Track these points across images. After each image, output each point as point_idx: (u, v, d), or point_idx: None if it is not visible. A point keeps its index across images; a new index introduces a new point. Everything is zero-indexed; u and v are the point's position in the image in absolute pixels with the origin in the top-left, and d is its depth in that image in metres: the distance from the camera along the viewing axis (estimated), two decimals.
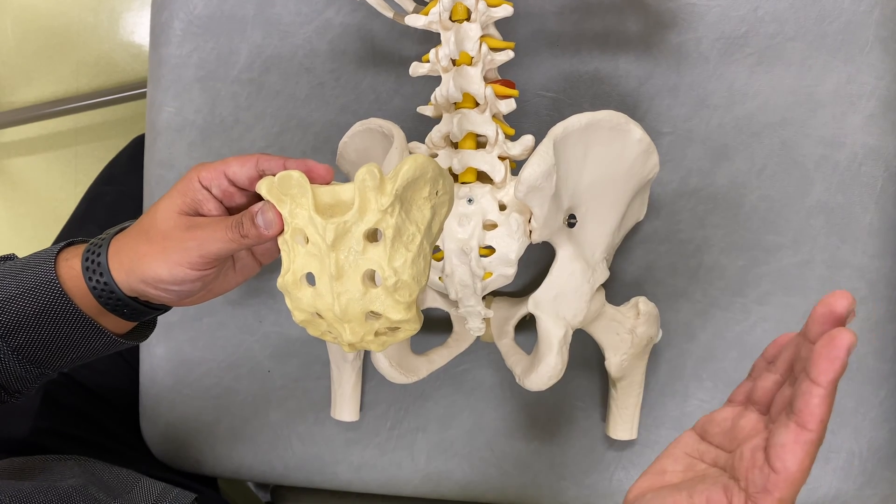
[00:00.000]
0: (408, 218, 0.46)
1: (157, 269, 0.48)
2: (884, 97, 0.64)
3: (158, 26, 0.73)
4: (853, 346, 0.36)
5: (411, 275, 0.46)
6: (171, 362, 0.74)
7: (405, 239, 0.46)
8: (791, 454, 0.36)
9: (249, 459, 0.73)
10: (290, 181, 0.46)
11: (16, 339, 0.50)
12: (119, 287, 0.49)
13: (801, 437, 0.36)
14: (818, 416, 0.36)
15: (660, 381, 0.67)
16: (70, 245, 0.52)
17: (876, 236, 0.65)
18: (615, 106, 0.66)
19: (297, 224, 0.47)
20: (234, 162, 0.49)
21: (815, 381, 0.35)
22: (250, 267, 0.54)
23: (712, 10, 0.65)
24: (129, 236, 0.50)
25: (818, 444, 0.37)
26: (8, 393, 0.53)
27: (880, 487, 0.66)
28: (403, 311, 0.46)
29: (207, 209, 0.50)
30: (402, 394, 0.71)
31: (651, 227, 0.67)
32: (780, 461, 0.37)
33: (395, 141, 0.56)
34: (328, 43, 0.70)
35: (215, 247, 0.48)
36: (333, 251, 0.45)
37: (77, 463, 0.63)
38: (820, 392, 0.35)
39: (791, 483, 0.37)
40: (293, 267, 0.47)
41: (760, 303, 0.66)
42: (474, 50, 0.55)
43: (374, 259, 0.45)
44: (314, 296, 0.47)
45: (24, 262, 0.51)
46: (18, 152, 1.43)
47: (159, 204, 0.50)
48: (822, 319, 0.37)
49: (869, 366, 0.65)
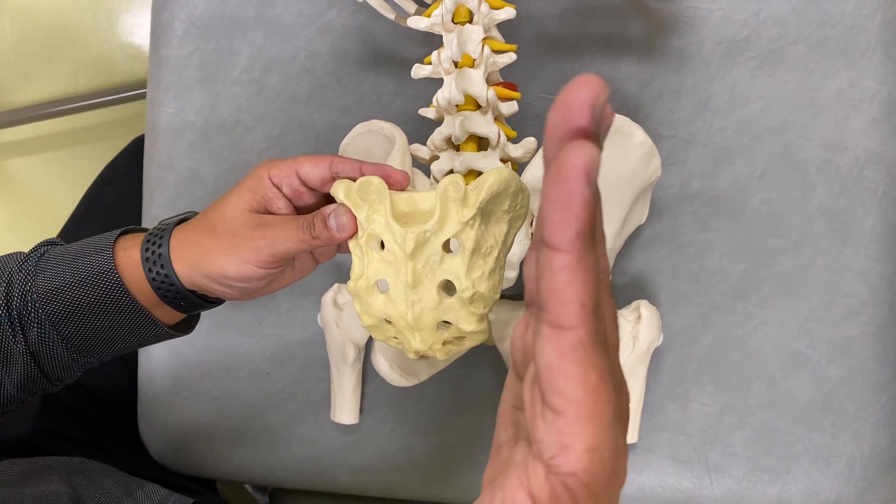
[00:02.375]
0: (487, 231, 0.46)
1: (224, 266, 0.47)
2: (886, 101, 0.64)
3: (159, 27, 0.73)
4: (594, 169, 0.21)
5: (488, 287, 0.46)
6: (170, 364, 0.73)
7: (483, 251, 0.45)
8: (561, 375, 0.23)
9: (248, 462, 0.73)
10: (369, 187, 0.46)
11: (67, 327, 0.49)
12: (180, 280, 0.49)
13: (562, 343, 0.23)
14: (572, 299, 0.23)
15: (661, 384, 0.67)
16: (125, 233, 0.52)
17: (878, 240, 0.64)
18: (617, 108, 0.66)
19: (374, 230, 0.46)
20: (306, 162, 0.49)
21: (552, 244, 0.22)
22: (308, 265, 0.54)
23: (714, 14, 0.65)
24: (194, 230, 0.49)
25: (594, 345, 0.23)
26: (50, 381, 0.52)
27: (882, 492, 0.66)
28: (476, 323, 0.46)
29: (277, 207, 0.49)
30: (401, 397, 0.71)
31: (652, 230, 0.66)
32: (552, 392, 0.24)
33: (397, 143, 0.56)
34: (329, 44, 0.70)
35: (285, 246, 0.47)
36: (411, 260, 0.45)
37: (77, 465, 0.63)
38: (562, 260, 0.22)
39: (587, 419, 0.24)
40: (367, 272, 0.47)
41: (762, 306, 0.66)
42: (476, 52, 0.55)
43: (452, 270, 0.45)
44: (386, 302, 0.47)
45: (78, 248, 0.50)
46: (17, 153, 1.42)
47: (228, 199, 0.49)
48: (555, 139, 0.23)
49: (871, 370, 0.65)
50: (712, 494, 0.66)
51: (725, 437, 0.66)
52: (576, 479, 0.24)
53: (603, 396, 0.24)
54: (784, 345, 0.65)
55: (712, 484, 0.66)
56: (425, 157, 0.58)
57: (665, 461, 0.67)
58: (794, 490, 0.66)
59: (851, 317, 0.65)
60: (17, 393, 0.52)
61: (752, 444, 0.66)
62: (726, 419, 0.66)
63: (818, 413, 0.65)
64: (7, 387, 0.51)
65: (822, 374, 0.65)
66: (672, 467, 0.67)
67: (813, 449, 0.65)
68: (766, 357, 0.66)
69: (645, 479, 0.67)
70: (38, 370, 0.51)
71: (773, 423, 0.66)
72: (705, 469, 0.66)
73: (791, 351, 0.65)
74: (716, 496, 0.66)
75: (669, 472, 0.67)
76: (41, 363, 0.51)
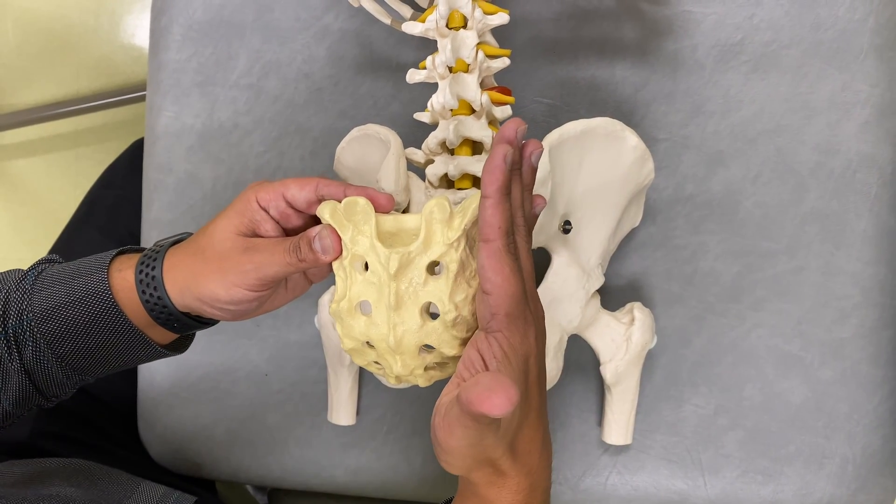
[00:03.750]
0: (471, 254, 0.46)
1: (214, 290, 0.48)
2: (878, 105, 0.64)
3: (158, 31, 0.74)
4: (508, 154, 0.41)
5: (471, 310, 0.45)
6: (168, 366, 0.74)
7: (468, 275, 0.45)
8: (489, 269, 0.40)
9: (247, 462, 0.74)
10: (355, 207, 0.46)
11: (61, 346, 0.50)
12: (172, 302, 0.49)
13: (488, 249, 0.40)
14: (493, 224, 0.40)
15: (655, 386, 0.67)
16: (121, 254, 0.52)
17: (870, 243, 0.65)
18: (611, 112, 0.67)
19: (358, 251, 0.46)
20: (292, 184, 0.49)
21: (484, 194, 0.41)
22: (301, 286, 0.54)
23: (708, 18, 0.66)
24: (185, 253, 0.50)
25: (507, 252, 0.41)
26: (45, 397, 0.53)
27: (874, 493, 0.66)
28: (458, 347, 0.46)
29: (265, 230, 0.49)
30: (398, 398, 0.71)
31: (646, 233, 0.67)
32: (485, 282, 0.41)
33: (392, 147, 0.56)
34: (326, 49, 0.71)
35: (272, 270, 0.48)
36: (394, 281, 0.45)
37: (78, 467, 0.64)
38: (489, 202, 0.41)
39: (505, 296, 0.40)
40: (350, 294, 0.47)
41: (755, 309, 0.66)
42: (470, 57, 0.55)
43: (435, 292, 0.45)
44: (368, 324, 0.46)
45: (74, 268, 0.51)
46: (19, 154, 1.43)
47: (216, 223, 0.50)
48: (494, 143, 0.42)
49: (863, 372, 0.65)
50: (706, 495, 0.67)
51: (719, 438, 0.67)
52: (501, 335, 0.41)
53: (514, 283, 0.41)
54: (777, 347, 0.66)
55: (706, 485, 0.67)
56: (420, 161, 0.59)
57: (659, 462, 0.67)
58: (787, 491, 0.66)
59: (844, 319, 0.65)
60: (13, 409, 0.52)
61: (745, 445, 0.66)
62: (720, 420, 0.67)
63: (811, 414, 0.66)
64: (3, 403, 0.52)
65: (814, 375, 0.66)
66: (666, 468, 0.67)
67: (806, 450, 0.66)
68: (759, 359, 0.66)
69: (639, 480, 0.68)
70: (33, 388, 0.51)
71: (766, 425, 0.66)
72: (699, 470, 0.67)
73: (784, 353, 0.66)
74: (709, 497, 0.67)
75: (663, 472, 0.67)
76: (36, 381, 0.51)
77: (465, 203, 0.45)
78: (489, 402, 0.36)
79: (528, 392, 0.42)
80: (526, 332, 0.41)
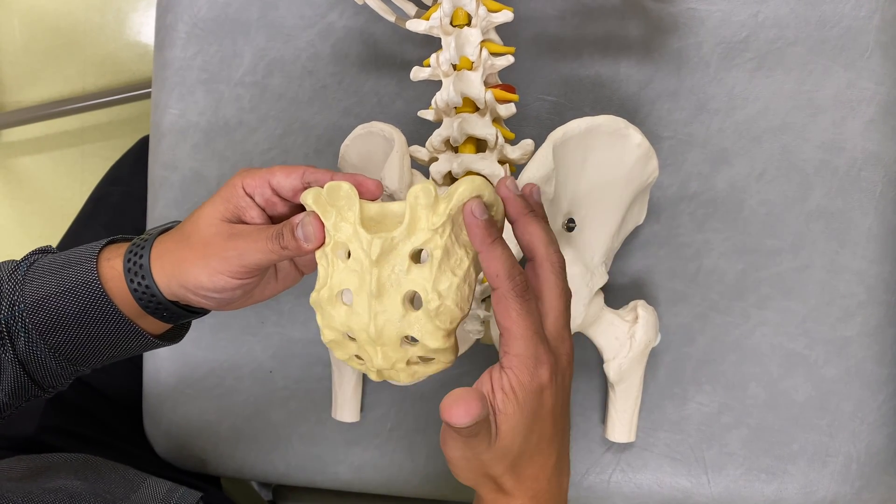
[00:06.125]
0: (457, 241, 0.44)
1: (197, 276, 0.47)
2: (883, 102, 0.64)
3: (163, 29, 0.74)
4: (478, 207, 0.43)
5: (455, 300, 0.44)
6: (173, 362, 0.74)
7: (452, 262, 0.44)
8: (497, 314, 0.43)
9: (251, 459, 0.74)
10: (338, 192, 0.45)
11: (54, 337, 0.50)
12: (160, 291, 0.49)
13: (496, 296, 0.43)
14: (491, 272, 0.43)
15: (658, 384, 0.67)
16: (111, 243, 0.52)
17: (875, 241, 0.65)
18: (616, 110, 0.67)
19: (340, 238, 0.45)
20: (279, 171, 0.48)
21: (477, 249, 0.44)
22: (292, 276, 0.54)
23: (713, 15, 0.66)
24: (172, 240, 0.49)
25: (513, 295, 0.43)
26: (42, 388, 0.53)
27: (878, 491, 0.66)
28: (441, 339, 0.44)
29: (250, 217, 0.49)
30: (402, 395, 0.71)
31: (650, 230, 0.67)
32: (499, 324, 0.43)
33: (396, 145, 0.57)
34: (331, 46, 0.71)
35: (255, 257, 0.47)
36: (376, 267, 0.43)
37: (84, 461, 0.64)
38: (480, 256, 0.43)
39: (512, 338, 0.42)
40: (330, 282, 0.45)
41: (759, 307, 0.66)
42: (475, 55, 0.55)
43: (418, 280, 0.43)
44: (349, 314, 0.45)
45: (64, 258, 0.51)
46: (25, 151, 1.44)
47: (202, 209, 0.49)
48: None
49: (867, 370, 0.65)
50: (709, 493, 0.67)
51: (723, 436, 0.67)
52: (511, 371, 0.43)
53: (522, 325, 0.43)
54: (781, 345, 0.66)
55: (709, 483, 0.67)
56: (424, 159, 0.59)
57: (662, 460, 0.68)
58: (791, 489, 0.66)
59: (848, 317, 0.65)
60: (9, 400, 0.52)
61: (749, 443, 0.66)
62: (723, 418, 0.67)
63: (815, 413, 0.66)
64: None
65: (818, 374, 0.66)
66: (669, 466, 0.67)
67: (810, 448, 0.66)
68: (763, 357, 0.66)
69: (642, 478, 0.68)
70: (28, 378, 0.51)
71: (770, 423, 0.66)
72: (702, 468, 0.67)
73: (788, 351, 0.66)
74: (713, 495, 0.67)
75: (667, 470, 0.67)
76: (31, 372, 0.51)
77: (450, 189, 0.43)
78: (449, 411, 0.41)
79: (537, 422, 0.44)
80: (536, 369, 0.43)
